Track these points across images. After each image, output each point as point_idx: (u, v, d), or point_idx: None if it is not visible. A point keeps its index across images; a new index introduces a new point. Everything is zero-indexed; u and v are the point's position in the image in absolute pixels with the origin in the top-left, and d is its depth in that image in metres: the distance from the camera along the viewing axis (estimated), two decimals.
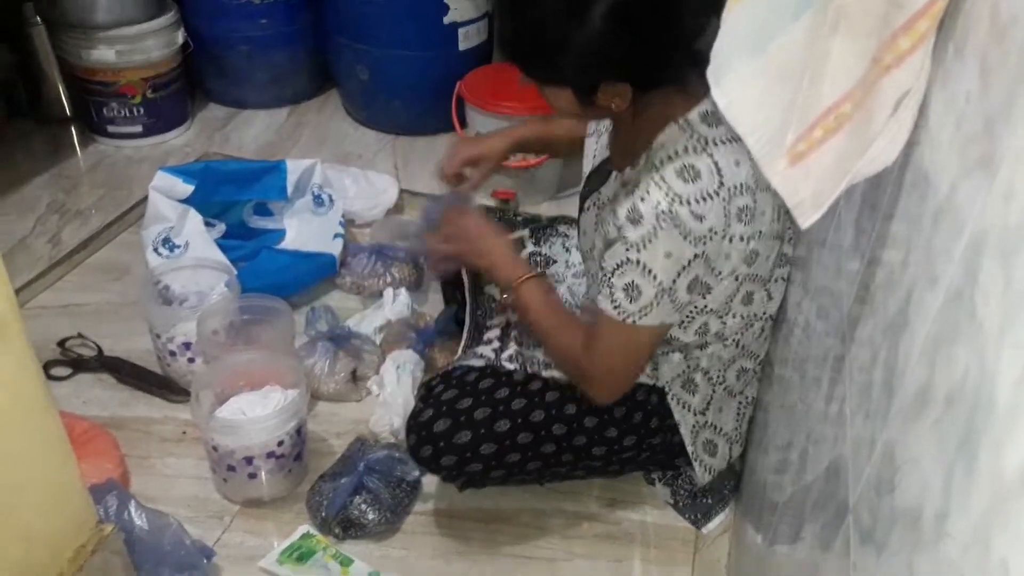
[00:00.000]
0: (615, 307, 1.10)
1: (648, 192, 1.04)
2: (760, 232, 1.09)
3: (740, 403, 1.32)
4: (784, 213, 1.09)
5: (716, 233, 1.04)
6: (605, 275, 1.10)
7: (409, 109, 2.31)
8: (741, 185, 1.05)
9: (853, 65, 0.68)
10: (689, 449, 1.30)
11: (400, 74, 2.25)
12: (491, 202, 2.07)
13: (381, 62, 2.23)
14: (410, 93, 2.28)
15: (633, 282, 1.07)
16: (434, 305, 1.78)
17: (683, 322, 1.16)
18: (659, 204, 1.03)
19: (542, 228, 1.56)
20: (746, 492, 1.36)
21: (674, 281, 1.07)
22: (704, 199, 1.03)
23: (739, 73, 0.70)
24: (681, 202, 1.03)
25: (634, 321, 1.10)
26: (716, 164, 1.05)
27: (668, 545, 1.36)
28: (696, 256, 1.05)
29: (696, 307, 1.15)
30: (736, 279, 1.13)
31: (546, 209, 2.08)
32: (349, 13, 2.21)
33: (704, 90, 0.87)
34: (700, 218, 1.03)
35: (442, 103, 2.12)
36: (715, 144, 1.06)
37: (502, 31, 1.14)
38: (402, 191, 2.10)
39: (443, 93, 2.11)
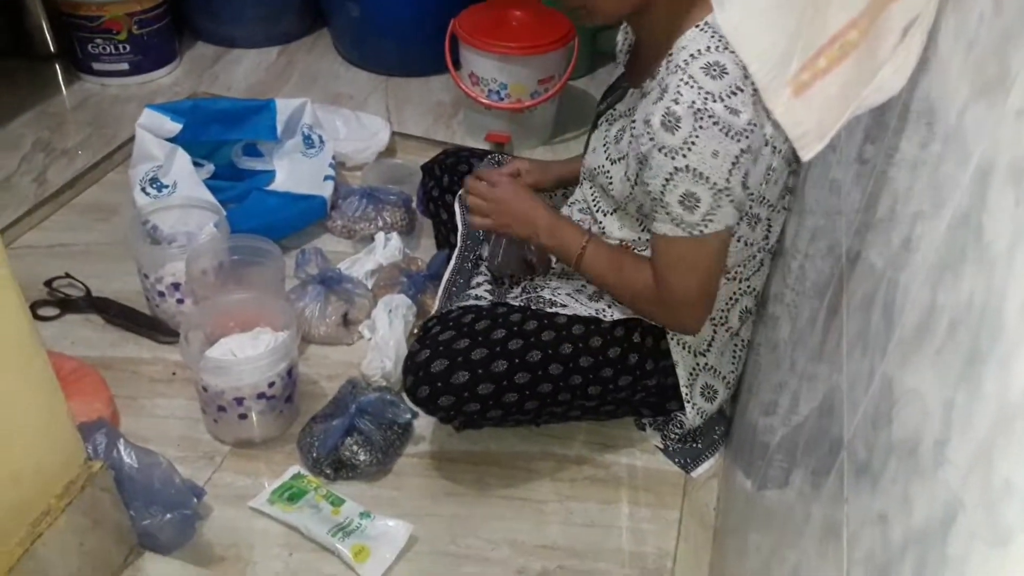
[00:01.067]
0: (676, 224, 1.08)
1: (680, 93, 1.02)
2: (777, 148, 1.08)
3: (737, 345, 1.32)
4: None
5: (755, 126, 1.02)
6: (655, 196, 1.08)
7: (401, 48, 2.27)
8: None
9: None
10: (683, 391, 1.30)
11: (392, 12, 2.19)
12: (485, 145, 2.04)
13: None
14: (402, 32, 2.23)
15: (688, 191, 1.05)
16: (426, 250, 1.76)
17: None
18: (694, 103, 1.01)
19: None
20: (736, 436, 1.36)
21: (728, 180, 1.04)
22: (735, 92, 1.01)
23: None
24: (714, 99, 1.01)
25: (701, 232, 1.08)
26: (739, 60, 1.02)
27: (657, 489, 1.36)
28: (743, 151, 1.03)
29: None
30: (762, 204, 1.12)
31: (540, 154, 2.05)
32: None
33: None
34: (736, 112, 1.01)
35: (435, 43, 2.06)
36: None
37: None
38: (394, 133, 2.06)
39: (437, 33, 2.06)
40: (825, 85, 0.70)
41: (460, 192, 1.50)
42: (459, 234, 1.49)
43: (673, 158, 1.04)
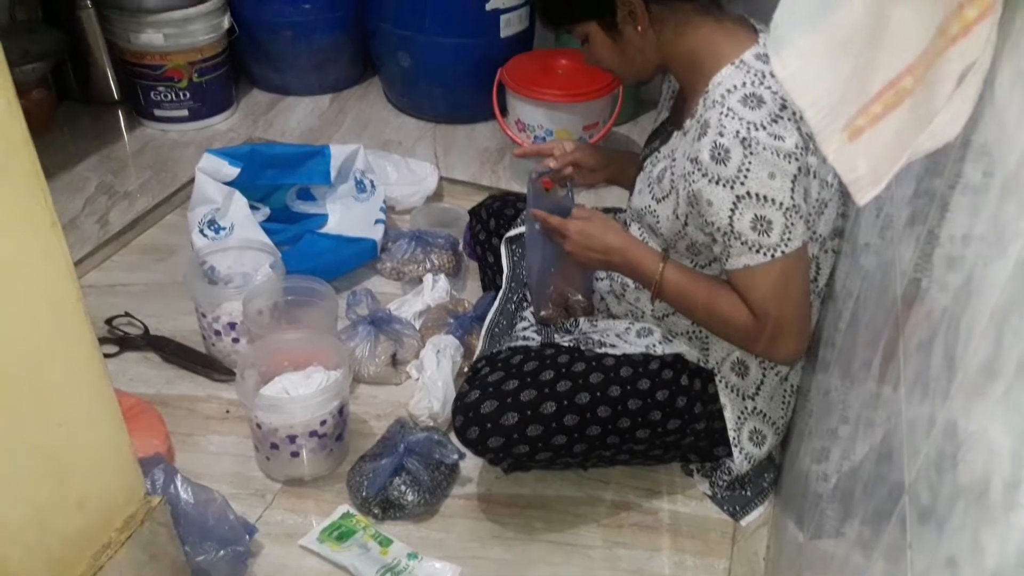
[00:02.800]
0: (756, 250, 1.08)
1: (724, 125, 1.05)
2: (827, 181, 1.10)
3: (787, 390, 1.31)
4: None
5: (802, 148, 1.06)
6: (723, 231, 1.09)
7: (450, 96, 2.32)
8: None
9: (916, 36, 0.66)
10: (731, 435, 1.29)
11: (441, 61, 2.25)
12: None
13: (423, 49, 2.24)
14: (451, 80, 2.29)
15: (756, 215, 1.06)
16: (472, 292, 1.79)
17: None
18: (739, 132, 1.04)
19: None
20: (786, 483, 1.34)
21: (792, 197, 1.06)
22: (775, 120, 1.05)
23: (799, 45, 0.69)
24: (756, 127, 1.04)
25: (783, 252, 1.08)
26: (775, 93, 1.06)
27: (705, 537, 1.35)
28: (799, 170, 1.06)
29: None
30: (817, 240, 1.14)
31: (584, 198, 2.07)
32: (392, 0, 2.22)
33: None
34: (780, 138, 1.04)
35: (483, 90, 2.12)
36: (772, 76, 1.07)
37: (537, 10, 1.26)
38: (442, 178, 2.10)
39: (484, 80, 2.12)
40: (880, 130, 0.70)
41: (506, 235, 1.52)
42: (504, 276, 1.51)
43: (732, 187, 1.05)
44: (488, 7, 2.17)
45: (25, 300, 0.81)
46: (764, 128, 1.04)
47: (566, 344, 1.29)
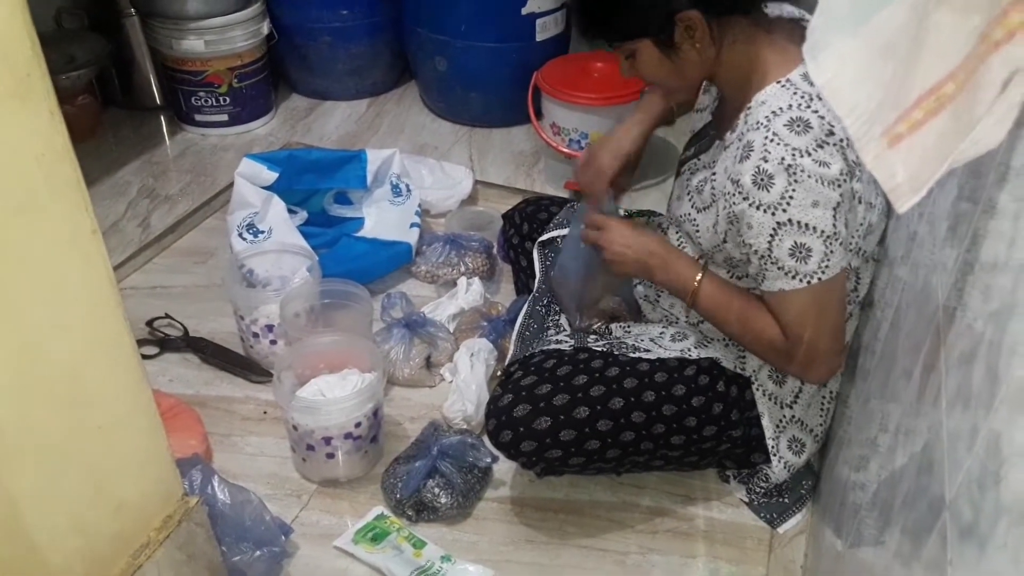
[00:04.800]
0: (792, 276, 1.07)
1: (768, 151, 1.04)
2: (873, 204, 1.09)
3: (825, 397, 1.29)
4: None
5: (847, 175, 1.04)
6: (761, 255, 1.08)
7: (486, 100, 2.33)
8: (849, 139, 1.03)
9: (959, 42, 0.65)
10: (769, 443, 1.27)
11: (477, 65, 2.26)
12: (565, 193, 2.07)
13: (459, 53, 2.25)
14: (487, 84, 2.29)
15: (796, 243, 1.05)
16: (506, 295, 1.79)
17: None
18: (783, 159, 1.03)
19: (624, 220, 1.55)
20: (825, 491, 1.32)
21: (834, 225, 1.05)
22: (820, 146, 1.03)
23: (837, 50, 0.68)
24: (802, 154, 1.02)
25: (819, 279, 1.07)
26: (823, 117, 1.04)
27: (742, 544, 1.33)
28: (842, 196, 1.04)
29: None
30: (853, 253, 1.12)
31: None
32: (429, 5, 2.23)
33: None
34: (825, 164, 1.03)
35: (518, 94, 2.12)
36: (819, 99, 1.05)
37: (577, 10, 1.18)
38: (476, 182, 2.11)
39: (520, 84, 2.11)
40: (920, 137, 0.69)
41: (539, 239, 1.52)
42: (536, 280, 1.51)
43: (774, 214, 1.04)
44: (524, 11, 2.17)
45: (66, 306, 0.83)
46: (809, 155, 1.02)
47: (599, 348, 1.29)
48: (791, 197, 1.03)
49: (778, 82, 1.08)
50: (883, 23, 0.67)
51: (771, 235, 1.06)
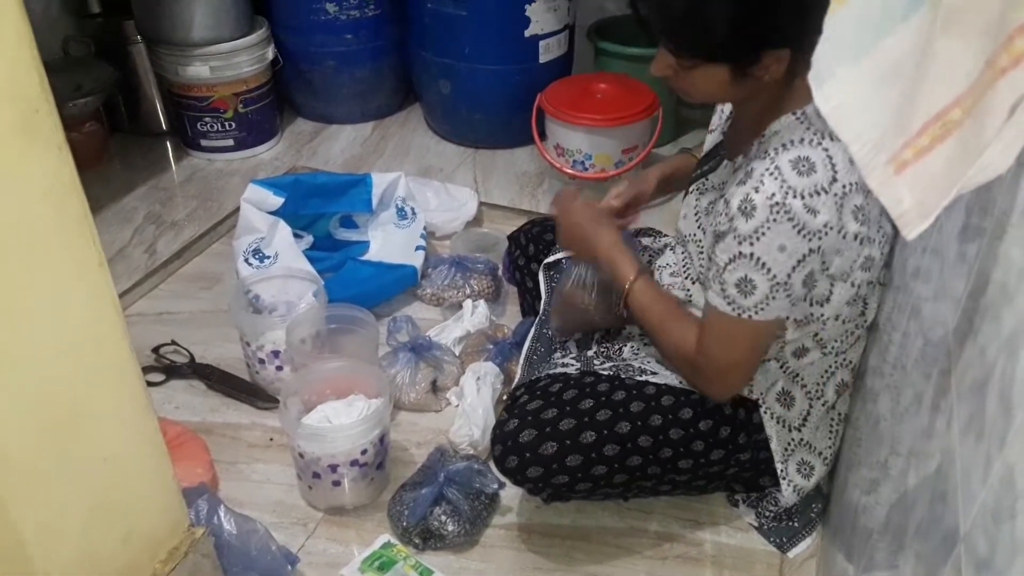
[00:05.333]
0: (729, 303, 1.09)
1: (763, 182, 1.03)
2: (873, 239, 1.07)
3: (833, 419, 1.28)
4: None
5: (831, 228, 1.02)
6: (717, 271, 1.09)
7: (490, 122, 2.33)
8: (855, 184, 1.02)
9: (964, 68, 0.65)
10: (778, 467, 1.26)
11: (481, 87, 2.27)
12: None
13: (463, 76, 2.26)
14: (491, 106, 2.30)
15: (746, 276, 1.06)
16: (512, 317, 1.78)
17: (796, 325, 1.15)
18: (773, 195, 1.01)
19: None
20: (835, 515, 1.31)
21: (789, 275, 1.05)
22: (817, 193, 1.01)
23: (842, 77, 0.68)
24: (795, 195, 1.01)
25: (749, 316, 1.08)
26: (831, 159, 1.03)
27: (751, 569, 1.32)
28: (811, 251, 1.03)
29: (812, 316, 1.13)
30: (853, 285, 1.10)
31: None
32: (433, 28, 2.25)
33: None
34: (814, 212, 1.01)
35: (522, 116, 2.13)
36: (831, 138, 1.04)
37: (654, 19, 1.07)
38: (481, 204, 2.11)
39: (523, 106, 2.12)
40: (927, 163, 0.69)
41: (545, 261, 1.52)
42: (542, 302, 1.51)
43: (740, 243, 1.04)
44: (527, 33, 2.19)
45: (72, 339, 0.83)
46: (802, 198, 1.01)
47: (606, 372, 1.28)
48: (763, 233, 1.02)
49: (793, 114, 1.07)
50: (887, 51, 0.67)
51: (730, 259, 1.06)
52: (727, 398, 1.23)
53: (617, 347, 1.39)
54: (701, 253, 1.22)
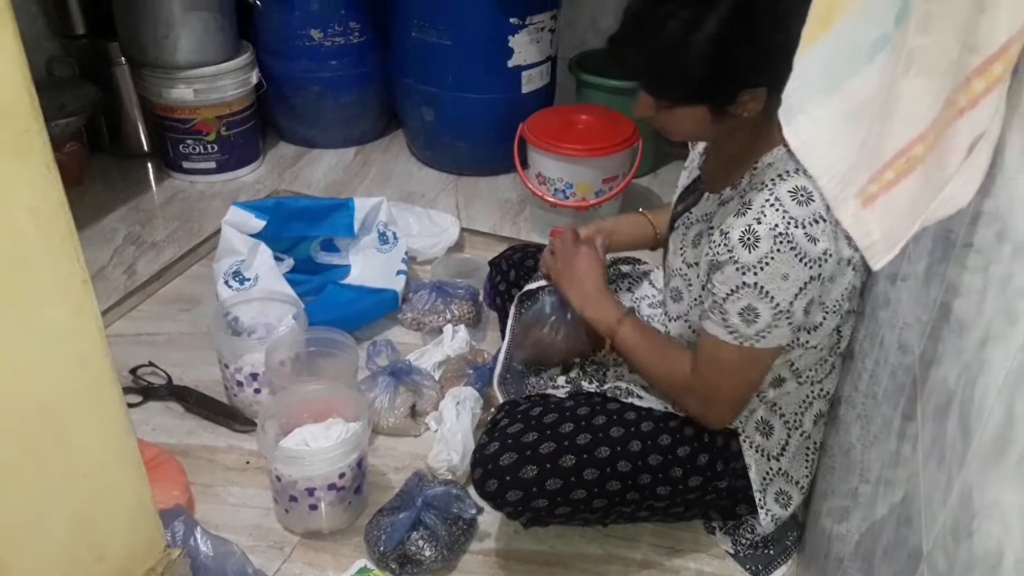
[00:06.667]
0: (730, 332, 1.11)
1: (764, 213, 1.05)
2: (860, 265, 1.10)
3: (809, 448, 1.30)
4: None
5: (830, 255, 1.06)
6: (716, 301, 1.11)
7: (472, 150, 2.36)
8: None
9: (926, 107, 0.68)
10: (756, 496, 1.28)
11: (464, 116, 2.30)
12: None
13: (446, 104, 2.29)
14: (473, 134, 2.33)
15: (750, 305, 1.08)
16: (492, 343, 1.80)
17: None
18: (776, 226, 1.04)
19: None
20: (809, 542, 1.33)
21: (791, 303, 1.07)
22: (816, 221, 1.04)
23: (811, 114, 0.71)
24: (796, 224, 1.04)
25: (751, 344, 1.11)
26: None
27: None
28: (812, 279, 1.06)
29: (799, 341, 1.15)
30: (837, 314, 1.13)
31: None
32: (416, 56, 2.28)
33: None
34: (814, 240, 1.04)
35: (504, 144, 2.16)
36: None
37: (632, 64, 1.11)
38: (463, 229, 2.13)
39: (506, 134, 2.15)
40: (892, 197, 0.72)
41: (519, 293, 1.53)
42: (508, 326, 1.53)
43: (744, 273, 1.07)
44: (510, 63, 2.22)
45: (54, 355, 0.83)
46: (803, 227, 1.04)
47: (592, 391, 1.29)
48: (767, 263, 1.05)
49: (785, 146, 1.10)
50: (854, 89, 0.70)
51: (732, 290, 1.09)
52: (725, 424, 1.24)
53: (601, 372, 1.41)
54: (690, 286, 1.24)
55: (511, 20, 2.17)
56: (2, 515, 0.81)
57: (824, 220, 1.04)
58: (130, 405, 1.62)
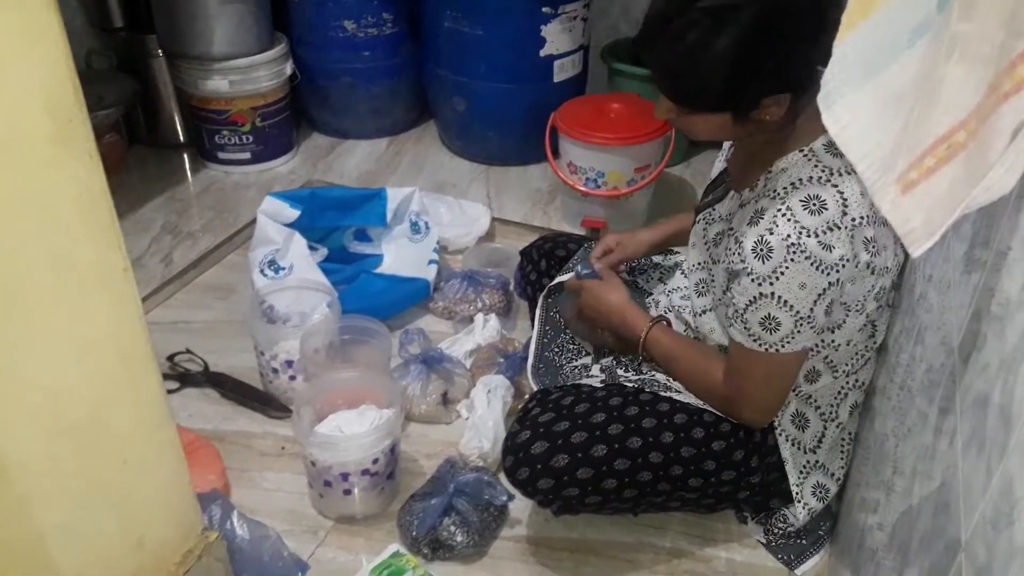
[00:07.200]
0: (754, 340, 1.12)
1: (776, 224, 1.05)
2: (886, 268, 1.09)
3: (844, 439, 1.29)
4: (901, 245, 1.08)
5: (848, 261, 1.05)
6: (737, 311, 1.11)
7: (503, 140, 2.36)
8: (866, 216, 1.04)
9: (969, 93, 0.67)
10: (794, 490, 1.27)
11: (496, 106, 2.30)
12: (582, 230, 2.09)
13: (478, 94, 2.29)
14: (505, 124, 2.33)
15: (770, 315, 1.08)
16: (523, 331, 1.80)
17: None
18: (788, 236, 1.04)
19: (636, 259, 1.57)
20: (842, 532, 1.32)
21: (811, 310, 1.07)
22: (830, 229, 1.04)
23: (850, 100, 0.70)
24: (809, 234, 1.03)
25: (777, 350, 1.11)
26: (841, 194, 1.05)
27: None
28: (831, 284, 1.05)
29: (824, 342, 1.14)
30: (867, 315, 1.12)
31: None
32: (449, 47, 2.28)
33: None
34: (829, 248, 1.03)
35: (535, 134, 2.15)
36: (840, 174, 1.06)
37: (653, 70, 1.11)
38: (494, 219, 2.14)
39: (537, 124, 2.15)
40: (933, 184, 0.71)
41: (549, 285, 1.54)
42: (536, 318, 1.53)
43: (760, 284, 1.06)
44: (542, 53, 2.22)
45: (96, 343, 0.85)
46: (816, 236, 1.03)
47: (632, 384, 1.29)
48: (782, 273, 1.05)
49: (801, 151, 1.09)
50: (895, 75, 0.69)
51: (750, 301, 1.09)
52: (764, 425, 1.25)
53: (637, 362, 1.40)
54: (712, 281, 1.23)
55: (544, 9, 2.16)
56: (44, 498, 0.83)
57: (839, 227, 1.03)
58: (168, 391, 1.64)
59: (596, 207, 2.10)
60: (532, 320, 1.73)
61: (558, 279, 1.52)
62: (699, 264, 1.27)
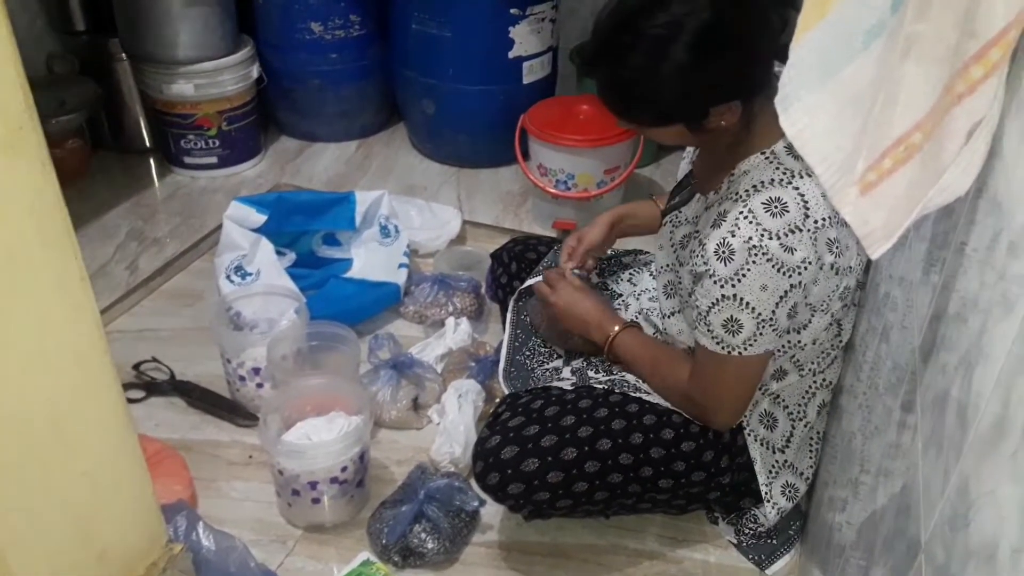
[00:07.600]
0: (717, 342, 1.12)
1: (738, 226, 1.05)
2: (850, 267, 1.10)
3: (812, 438, 1.30)
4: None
5: (811, 263, 1.05)
6: (700, 313, 1.12)
7: (473, 142, 2.36)
8: (828, 218, 1.05)
9: (924, 94, 0.67)
10: (763, 489, 1.27)
11: (465, 108, 2.29)
12: (553, 232, 2.09)
13: (447, 96, 2.28)
14: (474, 126, 2.33)
15: (732, 317, 1.08)
16: (494, 335, 1.79)
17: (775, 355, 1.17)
18: (750, 239, 1.04)
19: (606, 260, 1.57)
20: (811, 532, 1.32)
21: (773, 312, 1.07)
22: (792, 231, 1.04)
23: (807, 102, 0.71)
24: (770, 236, 1.04)
25: (739, 352, 1.11)
26: (802, 196, 1.06)
27: None
28: (792, 287, 1.06)
29: (790, 342, 1.15)
30: (832, 315, 1.13)
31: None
32: (417, 48, 2.27)
33: None
34: (791, 250, 1.04)
35: (505, 136, 2.15)
36: (800, 176, 1.07)
37: (603, 92, 1.14)
38: (465, 222, 2.13)
39: (507, 126, 2.15)
40: (891, 185, 0.71)
41: (520, 288, 1.53)
42: (507, 321, 1.53)
43: (722, 287, 1.07)
44: (511, 55, 2.21)
45: (53, 353, 0.83)
46: (778, 238, 1.04)
47: (602, 386, 1.29)
48: (743, 275, 1.05)
49: (762, 153, 1.10)
50: (851, 77, 0.70)
51: (713, 303, 1.09)
52: (730, 427, 1.25)
53: (608, 363, 1.40)
54: (680, 283, 1.24)
55: (511, 11, 2.16)
56: (1, 513, 0.82)
57: (801, 230, 1.04)
58: (133, 401, 1.63)
59: (567, 209, 2.10)
60: (503, 323, 1.73)
61: (528, 282, 1.52)
62: (667, 266, 1.27)
